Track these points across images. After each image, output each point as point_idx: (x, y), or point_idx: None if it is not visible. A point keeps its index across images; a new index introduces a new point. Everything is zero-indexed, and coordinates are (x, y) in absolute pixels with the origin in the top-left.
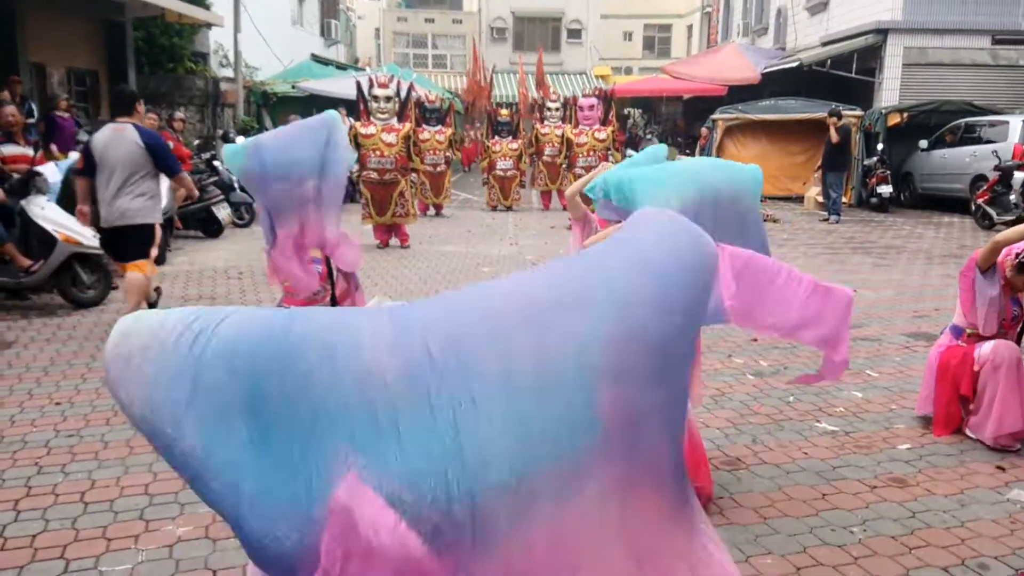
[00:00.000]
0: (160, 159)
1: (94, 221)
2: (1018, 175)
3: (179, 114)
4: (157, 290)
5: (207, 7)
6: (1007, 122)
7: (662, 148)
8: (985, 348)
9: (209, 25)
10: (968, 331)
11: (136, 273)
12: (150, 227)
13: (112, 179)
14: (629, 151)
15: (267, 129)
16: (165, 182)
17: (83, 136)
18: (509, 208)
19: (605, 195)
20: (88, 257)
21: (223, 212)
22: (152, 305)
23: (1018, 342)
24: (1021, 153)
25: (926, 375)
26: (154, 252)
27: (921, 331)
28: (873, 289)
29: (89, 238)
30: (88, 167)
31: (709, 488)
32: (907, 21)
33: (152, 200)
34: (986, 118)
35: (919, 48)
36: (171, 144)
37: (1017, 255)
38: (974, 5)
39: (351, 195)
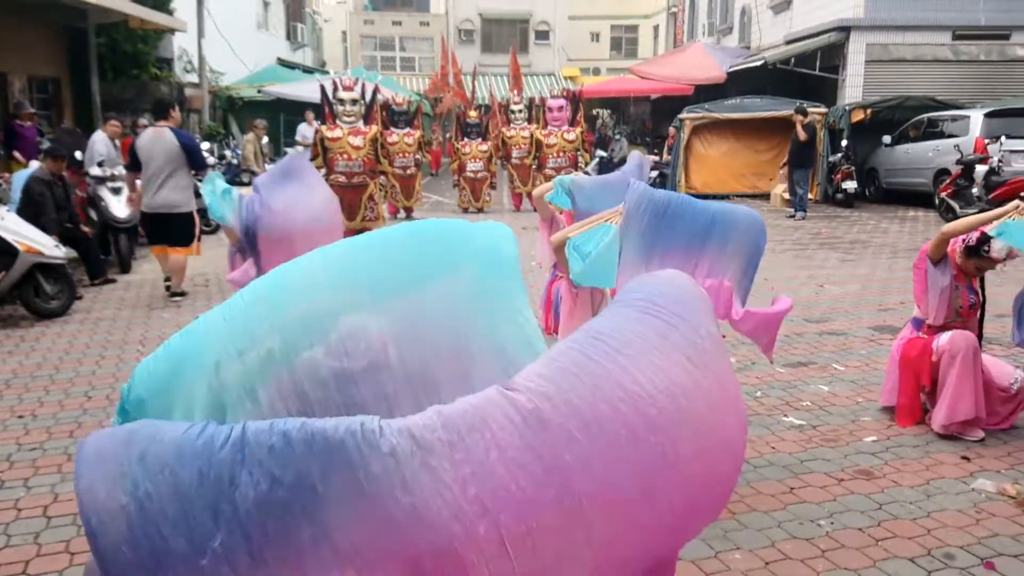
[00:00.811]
0: (192, 156)
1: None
2: (980, 168)
3: (143, 120)
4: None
5: (170, 12)
6: (968, 116)
7: (644, 161)
8: (943, 339)
9: (172, 31)
10: (928, 323)
11: (179, 255)
12: (190, 215)
13: (155, 173)
14: (599, 152)
15: (233, 135)
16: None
17: (45, 144)
18: (480, 210)
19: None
20: (51, 267)
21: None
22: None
23: (979, 330)
24: (983, 147)
25: (889, 367)
26: (195, 240)
27: (886, 324)
28: (839, 284)
29: (51, 248)
30: (134, 163)
31: None
32: (869, 18)
33: (188, 191)
34: (948, 113)
35: (881, 45)
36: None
37: (964, 241)
38: (934, 1)
39: None
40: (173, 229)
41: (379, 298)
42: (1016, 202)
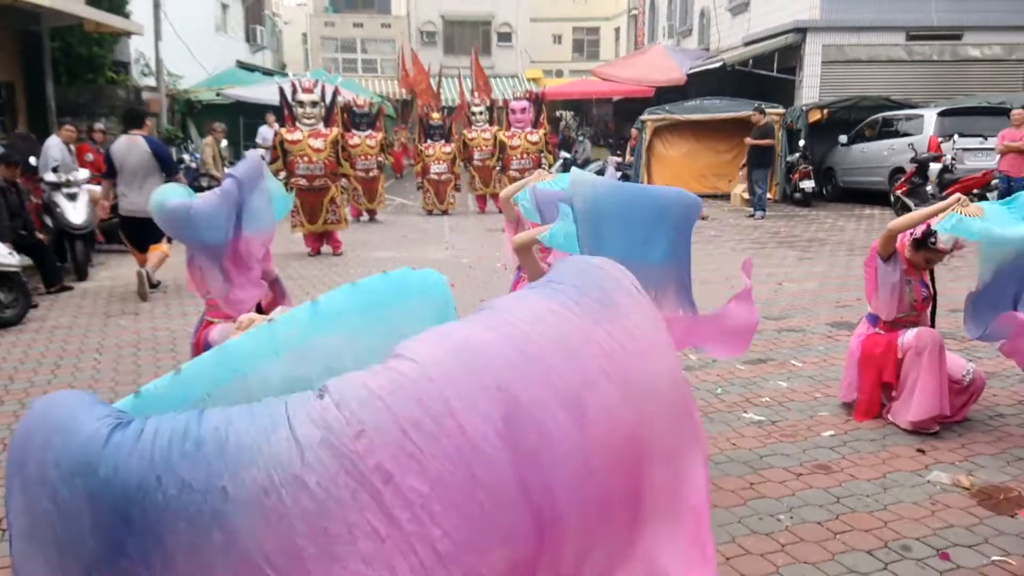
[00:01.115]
0: (164, 162)
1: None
2: (934, 166)
3: (99, 125)
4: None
5: (126, 16)
6: (922, 115)
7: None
8: (908, 335)
9: (129, 34)
10: (883, 319)
11: (155, 253)
12: None
13: (129, 179)
14: (563, 153)
15: (191, 139)
16: (85, 195)
17: None
18: (445, 212)
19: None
20: (5, 275)
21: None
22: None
23: (932, 324)
24: (936, 145)
25: (847, 363)
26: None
27: (843, 321)
28: (797, 282)
29: (5, 255)
30: (110, 170)
31: None
32: (825, 20)
33: None
34: (902, 112)
35: (837, 46)
36: (90, 156)
37: (911, 235)
38: (888, 3)
39: None
40: (147, 231)
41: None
42: (957, 195)
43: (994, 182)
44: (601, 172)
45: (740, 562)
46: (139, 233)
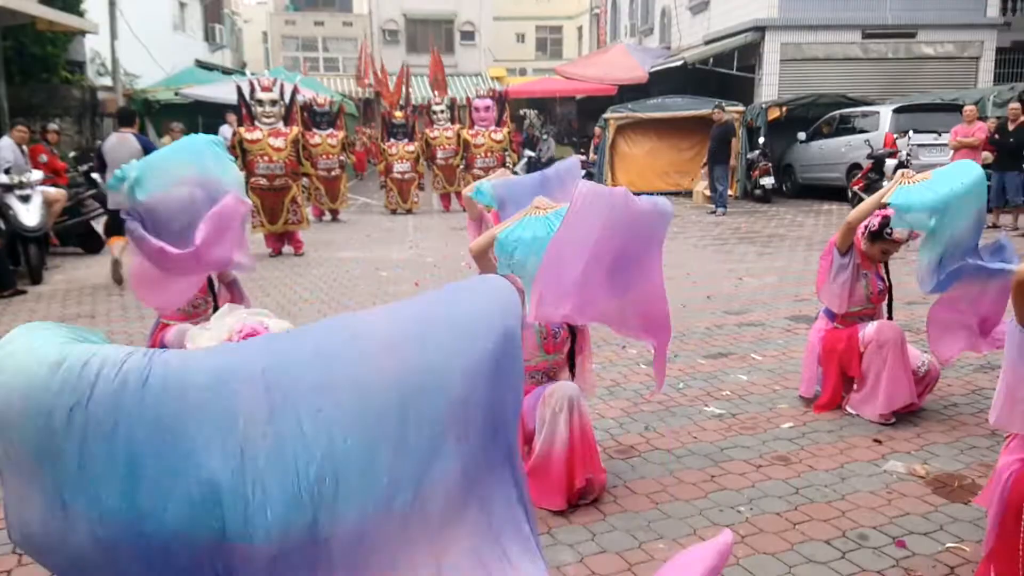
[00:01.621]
0: None
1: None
2: (890, 162)
3: (52, 125)
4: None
5: (81, 14)
6: (878, 112)
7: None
8: (869, 329)
9: (83, 33)
10: (837, 312)
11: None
12: None
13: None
14: (527, 151)
15: (149, 137)
16: (38, 197)
17: None
18: (409, 211)
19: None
20: None
21: (103, 226)
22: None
23: (889, 316)
24: (892, 141)
25: (807, 358)
26: None
27: (803, 314)
28: (757, 276)
29: None
30: (101, 165)
31: (603, 478)
32: (783, 18)
33: None
34: (859, 109)
35: (795, 44)
36: (44, 157)
37: (867, 227)
38: (844, 2)
39: None
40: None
41: None
42: (901, 171)
43: None
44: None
45: None
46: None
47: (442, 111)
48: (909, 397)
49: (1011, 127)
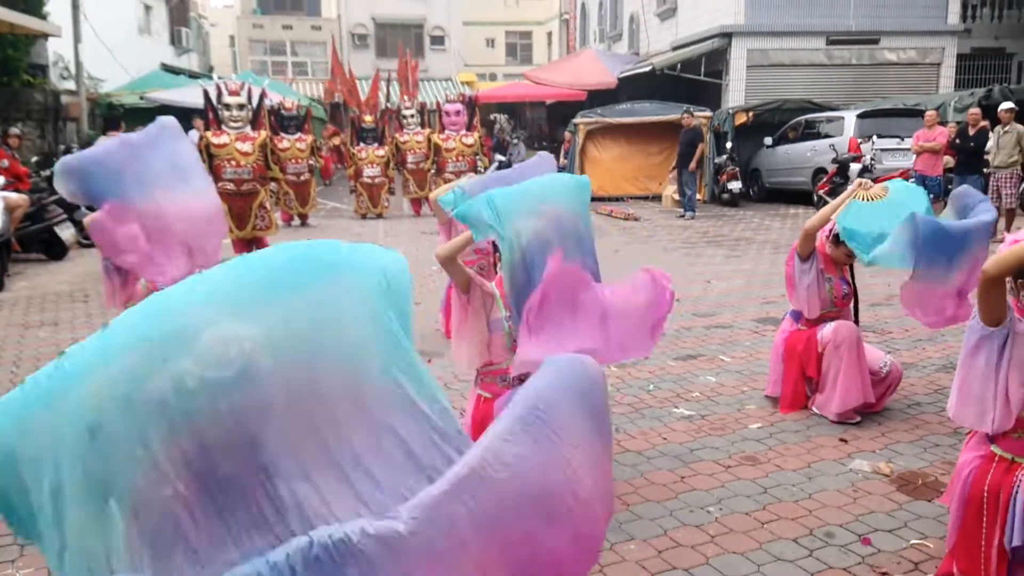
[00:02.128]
0: None
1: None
2: (854, 166)
3: (14, 130)
4: None
5: (43, 17)
6: (843, 117)
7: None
8: (827, 330)
9: (46, 36)
10: (805, 316)
11: None
12: None
13: None
14: (497, 156)
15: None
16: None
17: None
18: (380, 216)
19: (459, 215)
20: None
21: (67, 232)
22: None
23: (855, 318)
24: (856, 146)
25: (773, 358)
26: None
27: (770, 316)
28: (725, 279)
29: None
30: None
31: None
32: (749, 25)
33: None
34: (824, 114)
35: (761, 50)
36: (5, 162)
37: (829, 232)
38: (808, 8)
39: None
40: None
41: (247, 308)
42: (859, 180)
43: (911, 180)
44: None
45: (671, 554)
46: None
47: (412, 115)
48: (863, 397)
49: (971, 132)
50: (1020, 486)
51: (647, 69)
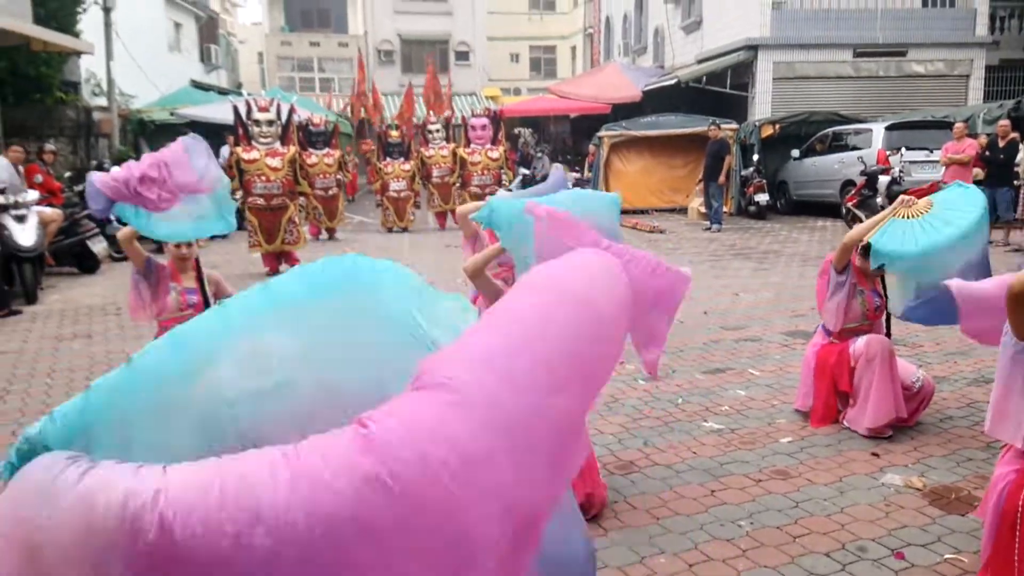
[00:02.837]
0: None
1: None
2: (883, 179)
3: (49, 146)
4: None
5: (76, 35)
6: (871, 129)
7: (563, 174)
8: (859, 343)
9: (79, 53)
10: (834, 329)
11: None
12: None
13: None
14: (522, 169)
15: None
16: (34, 217)
17: None
18: (405, 229)
19: (489, 224)
20: None
21: (99, 246)
22: None
23: (888, 331)
24: (884, 158)
25: (803, 372)
26: None
27: (799, 330)
28: (753, 292)
29: None
30: None
31: (603, 493)
32: (775, 37)
33: None
34: (851, 126)
35: (787, 63)
36: (39, 177)
37: (860, 244)
38: (836, 21)
39: (238, 222)
40: None
41: (284, 320)
42: (902, 197)
43: None
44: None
45: (702, 568)
46: None
47: (437, 130)
48: (895, 412)
49: (1001, 144)
50: None
51: (672, 82)
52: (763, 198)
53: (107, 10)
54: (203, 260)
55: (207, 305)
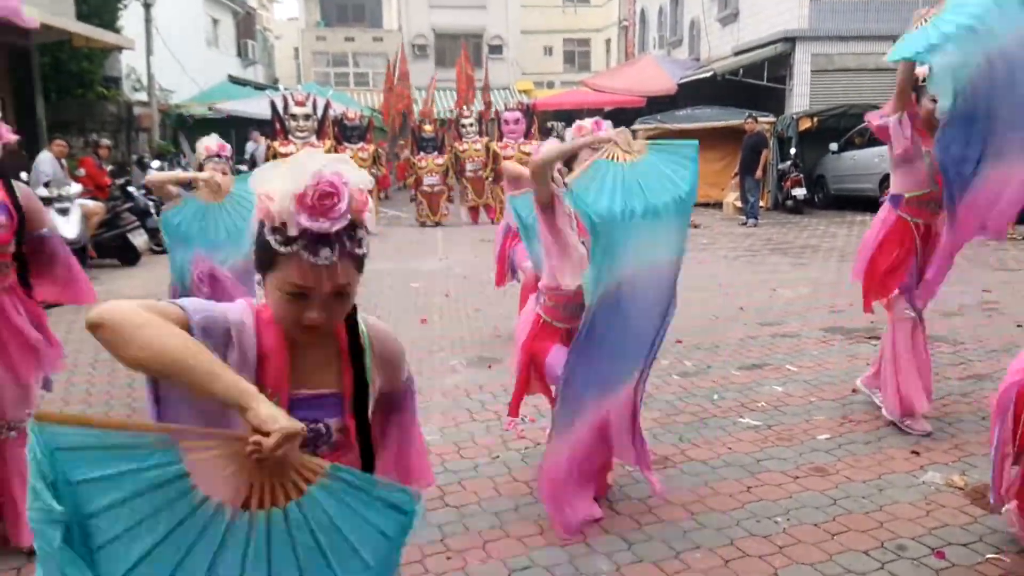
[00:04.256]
0: None
1: None
2: None
3: (106, 141)
4: None
5: (117, 31)
6: None
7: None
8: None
9: (119, 49)
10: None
11: None
12: None
13: None
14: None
15: (184, 153)
16: (77, 210)
17: None
18: (438, 224)
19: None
20: None
21: (139, 239)
22: None
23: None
24: None
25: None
26: None
27: (837, 325)
28: (791, 287)
29: None
30: None
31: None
32: (813, 29)
33: None
34: None
35: (826, 55)
36: (82, 171)
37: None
38: (875, 12)
39: None
40: None
41: None
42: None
43: None
44: None
45: (738, 564)
46: None
47: (471, 124)
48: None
49: None
50: None
51: (708, 75)
52: (800, 192)
53: (147, 6)
54: None
55: None
